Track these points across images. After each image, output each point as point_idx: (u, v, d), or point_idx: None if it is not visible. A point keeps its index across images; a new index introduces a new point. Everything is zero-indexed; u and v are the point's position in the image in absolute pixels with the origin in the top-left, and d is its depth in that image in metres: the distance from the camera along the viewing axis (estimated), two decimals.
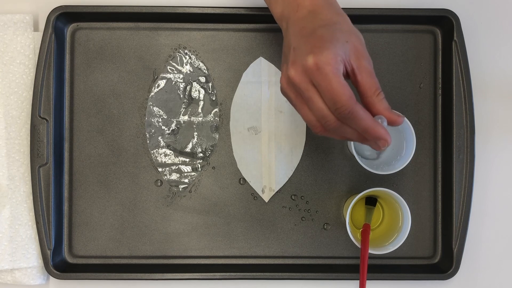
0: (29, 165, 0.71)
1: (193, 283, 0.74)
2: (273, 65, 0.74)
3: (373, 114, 0.56)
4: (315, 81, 0.54)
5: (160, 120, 0.74)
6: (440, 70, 0.74)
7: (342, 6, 0.73)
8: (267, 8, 0.73)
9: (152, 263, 0.74)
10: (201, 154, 0.74)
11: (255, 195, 0.74)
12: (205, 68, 0.75)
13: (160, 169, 0.74)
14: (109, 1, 0.73)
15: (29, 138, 0.71)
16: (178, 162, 0.74)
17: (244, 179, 0.74)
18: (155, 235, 0.74)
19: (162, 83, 0.74)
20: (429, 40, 0.75)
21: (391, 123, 0.57)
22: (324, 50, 0.53)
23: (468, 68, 0.72)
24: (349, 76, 0.56)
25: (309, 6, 0.59)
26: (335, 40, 0.55)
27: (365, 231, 0.66)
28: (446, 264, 0.72)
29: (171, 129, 0.74)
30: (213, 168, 0.74)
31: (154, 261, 0.74)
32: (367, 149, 0.74)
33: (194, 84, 0.74)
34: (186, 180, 0.74)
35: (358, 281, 0.64)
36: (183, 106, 0.74)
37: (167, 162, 0.74)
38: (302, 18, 0.58)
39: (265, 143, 0.74)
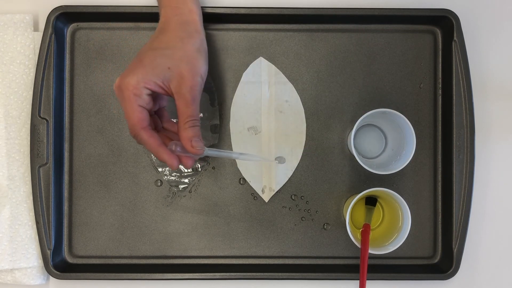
0: (29, 165, 0.71)
1: (193, 283, 0.74)
2: (273, 65, 0.74)
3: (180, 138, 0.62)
4: (119, 100, 0.61)
5: None
6: (440, 70, 0.74)
7: (342, 6, 0.74)
8: (267, 8, 0.73)
9: (152, 263, 0.73)
10: None
11: (255, 195, 0.74)
12: None
13: (160, 169, 0.74)
14: (109, 1, 0.73)
15: (29, 138, 0.71)
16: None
17: (244, 179, 0.74)
18: (155, 235, 0.74)
19: None
20: (429, 40, 0.75)
21: (188, 152, 0.61)
22: (130, 75, 0.60)
23: (468, 68, 0.72)
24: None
25: (161, 24, 0.64)
26: (154, 66, 0.60)
27: (365, 231, 0.66)
28: (446, 264, 0.72)
29: None
30: (213, 168, 0.74)
31: (154, 261, 0.74)
32: (367, 149, 0.74)
33: None
34: (186, 180, 0.74)
35: (358, 281, 0.64)
36: None
37: None
38: (154, 35, 0.63)
39: (265, 143, 0.74)
